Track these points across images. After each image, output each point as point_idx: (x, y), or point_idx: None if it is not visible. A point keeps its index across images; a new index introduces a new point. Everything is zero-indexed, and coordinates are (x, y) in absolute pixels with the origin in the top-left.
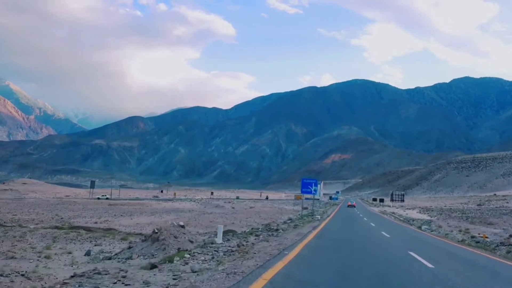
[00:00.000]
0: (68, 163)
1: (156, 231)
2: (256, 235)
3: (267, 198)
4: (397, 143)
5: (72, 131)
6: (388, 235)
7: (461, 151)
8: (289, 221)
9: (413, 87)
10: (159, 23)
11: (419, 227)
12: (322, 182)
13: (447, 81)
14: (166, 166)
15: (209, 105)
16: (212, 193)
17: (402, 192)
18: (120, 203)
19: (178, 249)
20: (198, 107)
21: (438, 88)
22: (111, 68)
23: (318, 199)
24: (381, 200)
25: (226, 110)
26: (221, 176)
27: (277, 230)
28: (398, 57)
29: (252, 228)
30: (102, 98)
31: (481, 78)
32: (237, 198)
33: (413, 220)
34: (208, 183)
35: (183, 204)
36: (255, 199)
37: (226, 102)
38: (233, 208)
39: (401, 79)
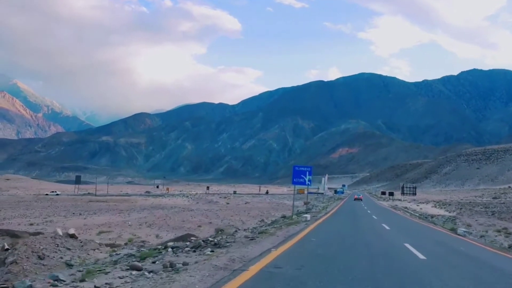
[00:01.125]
0: (76, 160)
1: (8, 247)
2: (174, 251)
3: (267, 192)
4: (404, 136)
5: (79, 129)
6: (414, 250)
7: (470, 144)
8: (282, 218)
9: (420, 80)
10: (165, 19)
11: (453, 230)
12: (327, 175)
13: (455, 74)
14: (173, 162)
15: (216, 101)
16: (208, 187)
17: (414, 185)
18: (103, 199)
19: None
20: (204, 103)
21: (446, 80)
22: (117, 65)
23: (322, 193)
24: (391, 194)
25: (232, 106)
26: (228, 171)
27: (216, 245)
28: (405, 50)
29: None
30: (109, 96)
31: (489, 70)
32: (234, 192)
33: (432, 217)
34: (215, 178)
35: (173, 200)
36: (255, 193)
37: (232, 97)
38: (227, 204)
39: (408, 72)
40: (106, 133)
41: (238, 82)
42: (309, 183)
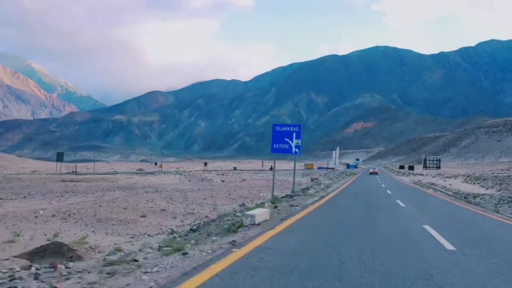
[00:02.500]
0: (90, 140)
1: None
2: None
3: (271, 168)
4: (421, 110)
5: (94, 108)
6: None
7: (488, 116)
8: (260, 204)
9: (437, 52)
10: None
11: None
12: (338, 149)
13: (473, 45)
14: (187, 140)
15: (229, 78)
16: (206, 163)
17: (438, 157)
18: (79, 178)
19: None
20: (217, 80)
21: (463, 52)
22: (130, 44)
23: (333, 168)
24: (410, 168)
25: (245, 82)
26: (242, 148)
27: None
28: (421, 22)
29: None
30: (122, 75)
31: (508, 40)
32: (234, 169)
33: (474, 197)
34: (228, 156)
35: (162, 179)
36: (258, 169)
37: (245, 74)
38: (221, 182)
39: (424, 44)
40: (120, 112)
41: (250, 59)
42: (297, 150)
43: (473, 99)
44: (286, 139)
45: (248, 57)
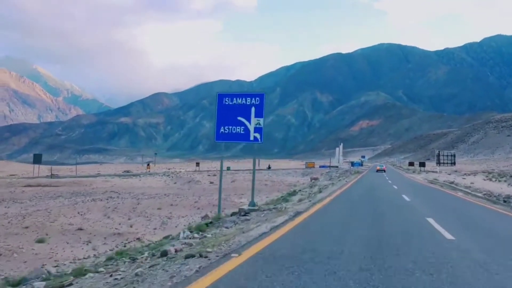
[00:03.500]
0: (96, 142)
1: None
2: None
3: (269, 167)
4: (426, 107)
5: (99, 111)
6: None
7: (495, 112)
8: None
9: (442, 48)
10: None
11: None
12: (341, 145)
13: (478, 40)
14: (192, 141)
15: (233, 78)
16: (198, 164)
17: (452, 152)
18: (49, 182)
19: None
20: (222, 80)
21: (469, 48)
22: (133, 46)
23: (337, 167)
24: (422, 165)
25: (250, 82)
26: (247, 148)
27: None
28: (425, 19)
29: None
30: (127, 77)
31: None
32: (228, 168)
33: None
34: (233, 156)
35: (145, 181)
36: (256, 169)
37: (249, 74)
38: (210, 183)
39: (429, 41)
40: (125, 114)
41: (254, 59)
42: (257, 136)
43: (479, 95)
44: (240, 119)
45: (252, 57)
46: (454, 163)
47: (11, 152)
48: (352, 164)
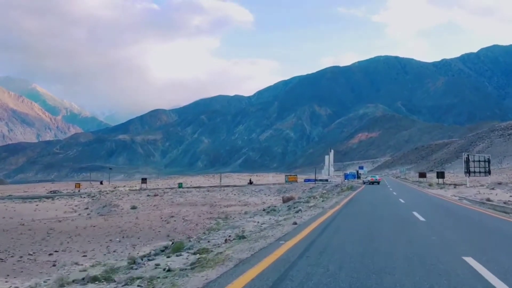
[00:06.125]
0: (94, 160)
1: None
2: None
3: (250, 182)
4: (426, 118)
5: (98, 129)
6: None
7: (497, 121)
8: None
9: (439, 59)
10: (176, 14)
11: None
12: (332, 152)
13: (475, 51)
14: (191, 157)
15: (231, 93)
16: (144, 180)
17: (486, 156)
18: None
19: None
20: (220, 96)
21: (466, 58)
22: (133, 63)
23: (327, 180)
24: (440, 175)
25: (248, 97)
26: (246, 163)
27: None
28: (421, 30)
29: None
30: (127, 94)
31: (510, 45)
32: (180, 186)
33: None
34: (233, 171)
35: (44, 206)
36: (224, 186)
37: (248, 89)
38: (132, 208)
39: (426, 53)
40: (123, 132)
41: (253, 74)
42: None
43: (479, 105)
44: None
45: (250, 72)
46: (489, 172)
47: (8, 172)
48: (346, 176)
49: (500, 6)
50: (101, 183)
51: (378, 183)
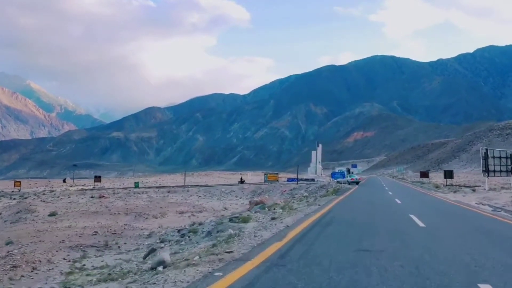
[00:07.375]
0: (87, 158)
1: None
2: None
3: (241, 181)
4: (422, 117)
5: (93, 126)
6: None
7: (493, 121)
8: None
9: (435, 59)
10: (173, 11)
11: None
12: (320, 146)
13: (471, 51)
14: (185, 155)
15: (227, 91)
16: (97, 177)
17: (510, 151)
18: None
19: None
20: (215, 94)
21: (462, 59)
22: (128, 61)
23: (313, 180)
24: (449, 175)
25: (244, 95)
26: (241, 161)
27: None
28: (418, 30)
29: None
30: (122, 92)
31: (506, 46)
32: (136, 185)
33: None
34: (227, 169)
35: None
36: (191, 186)
37: (244, 87)
38: (51, 215)
39: (422, 53)
40: (117, 129)
41: (249, 72)
42: None
43: (475, 105)
44: None
45: (246, 71)
46: (511, 171)
47: (0, 169)
48: (333, 175)
49: (497, 7)
50: (64, 181)
51: (357, 183)
